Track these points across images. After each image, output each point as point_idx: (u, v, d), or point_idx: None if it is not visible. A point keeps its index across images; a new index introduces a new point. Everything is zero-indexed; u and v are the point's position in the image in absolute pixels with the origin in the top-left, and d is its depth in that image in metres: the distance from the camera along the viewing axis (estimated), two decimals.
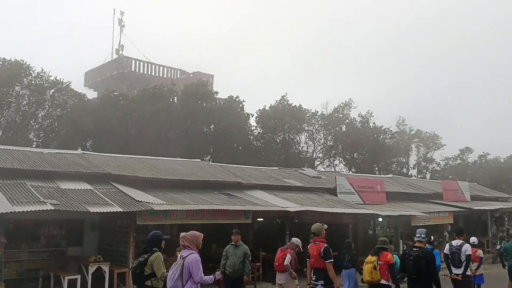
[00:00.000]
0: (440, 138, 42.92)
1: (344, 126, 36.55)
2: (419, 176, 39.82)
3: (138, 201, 12.42)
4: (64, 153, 15.93)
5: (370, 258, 8.45)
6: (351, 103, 38.00)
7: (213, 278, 6.50)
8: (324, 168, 35.41)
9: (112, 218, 13.24)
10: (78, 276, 11.91)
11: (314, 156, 36.44)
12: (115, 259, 13.22)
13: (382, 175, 29.66)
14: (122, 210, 11.73)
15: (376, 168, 37.24)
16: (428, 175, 41.49)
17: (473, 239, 11.50)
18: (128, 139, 25.87)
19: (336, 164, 38.16)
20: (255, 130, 32.00)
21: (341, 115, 37.25)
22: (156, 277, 6.60)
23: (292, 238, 9.42)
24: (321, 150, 36.83)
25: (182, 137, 26.80)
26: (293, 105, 33.59)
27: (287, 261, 8.73)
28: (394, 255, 8.91)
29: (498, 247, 21.58)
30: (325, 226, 8.60)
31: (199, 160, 20.94)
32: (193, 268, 6.17)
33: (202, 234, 6.65)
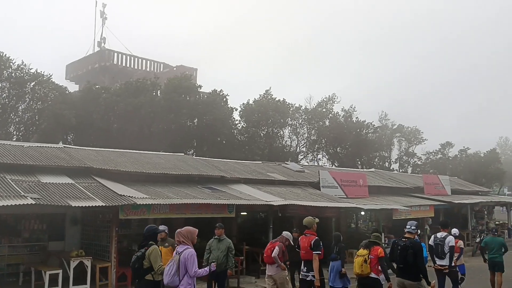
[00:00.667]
0: (422, 133, 43.49)
1: (328, 120, 36.76)
2: (401, 170, 40.29)
3: (121, 195, 12.32)
4: (45, 146, 15.71)
5: (361, 251, 8.54)
6: (334, 98, 38.22)
7: (207, 270, 6.66)
8: (307, 162, 35.62)
9: (94, 213, 13.14)
10: (60, 271, 11.78)
11: (298, 150, 36.60)
12: (98, 254, 13.14)
13: (365, 169, 29.95)
14: (104, 204, 11.62)
15: (359, 162, 37.58)
16: (409, 169, 42.01)
17: (454, 231, 11.78)
18: (110, 133, 25.60)
19: (319, 158, 38.44)
20: (239, 124, 31.98)
21: (324, 110, 37.45)
22: (156, 270, 6.67)
23: (283, 232, 9.54)
24: (304, 144, 37.01)
25: (165, 131, 26.63)
26: (277, 99, 33.65)
27: (274, 253, 8.86)
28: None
29: (478, 240, 22.02)
30: (317, 220, 8.82)
31: (183, 154, 20.85)
32: (189, 262, 6.27)
33: (197, 230, 6.73)
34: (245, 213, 16.39)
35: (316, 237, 8.48)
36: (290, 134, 36.05)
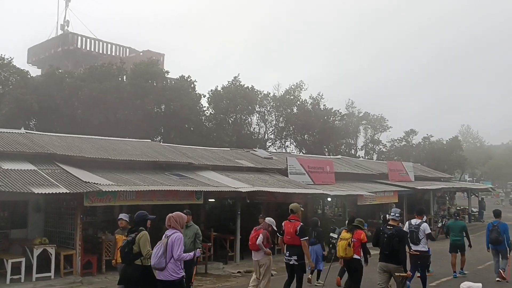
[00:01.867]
0: (387, 120, 44.38)
1: (295, 108, 37.00)
2: (366, 157, 41.08)
3: (85, 182, 12.07)
4: (6, 132, 15.18)
5: (344, 235, 8.93)
6: (302, 85, 38.48)
7: (192, 255, 6.81)
8: (275, 149, 35.83)
9: (58, 200, 12.85)
10: (23, 259, 11.52)
11: (266, 137, 36.74)
12: (62, 241, 12.88)
13: (332, 156, 30.37)
14: (68, 191, 11.38)
15: (326, 150, 38.06)
16: (375, 156, 42.88)
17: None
18: (74, 119, 24.96)
19: (287, 146, 38.71)
20: (207, 111, 31.76)
21: (292, 97, 37.66)
22: (144, 255, 6.86)
23: (266, 218, 9.68)
24: (272, 132, 37.18)
25: (132, 117, 26.16)
26: (245, 86, 33.55)
27: (259, 240, 9.03)
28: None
29: (440, 225, 22.78)
30: (302, 209, 9.18)
31: (150, 140, 20.57)
32: (174, 245, 6.45)
33: (186, 216, 6.88)
34: (213, 200, 16.37)
35: (301, 223, 8.75)
36: (258, 121, 36.15)
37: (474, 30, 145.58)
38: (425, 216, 12.67)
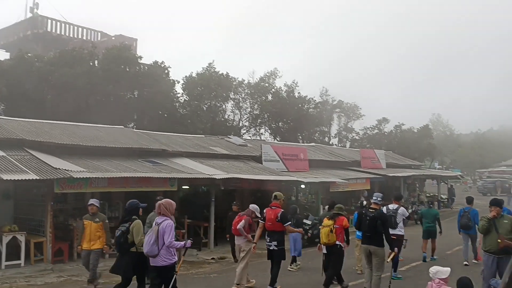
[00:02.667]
0: (360, 108, 44.94)
1: (270, 95, 37.04)
2: (339, 145, 41.61)
3: (56, 168, 11.84)
4: None
5: (326, 222, 9.15)
6: (276, 73, 38.51)
7: (183, 244, 6.86)
8: (250, 136, 35.86)
9: (28, 186, 12.55)
10: None
11: (240, 125, 36.72)
12: (32, 229, 12.65)
13: (305, 144, 30.60)
14: (38, 178, 11.14)
15: (300, 137, 38.32)
16: (348, 144, 43.44)
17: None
18: (44, 104, 24.36)
19: (261, 133, 38.80)
20: (181, 98, 31.50)
21: (267, 85, 37.66)
22: (136, 244, 7.06)
23: (250, 205, 9.96)
24: (247, 119, 37.19)
25: (104, 103, 25.69)
26: (220, 73, 33.37)
27: (240, 225, 9.34)
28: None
29: (410, 211, 23.29)
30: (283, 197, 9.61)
31: (122, 127, 20.28)
32: (165, 232, 6.54)
33: (175, 202, 7.06)
34: (187, 187, 16.31)
35: (282, 210, 9.08)
36: (233, 108, 36.08)
37: (446, 19, 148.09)
38: (402, 201, 13.09)
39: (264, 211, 9.31)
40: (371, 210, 8.80)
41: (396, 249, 8.78)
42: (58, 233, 12.79)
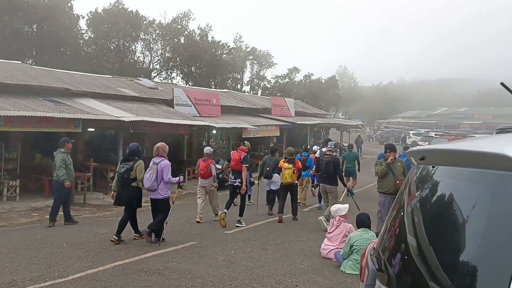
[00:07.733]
0: (273, 57, 45.25)
1: (183, 38, 35.85)
2: (252, 92, 41.90)
3: None
4: None
5: (287, 165, 10.56)
6: (190, 14, 37.19)
7: (177, 179, 8.21)
8: (161, 80, 34.74)
9: None
10: None
11: (151, 67, 35.41)
12: None
13: (218, 90, 30.38)
14: None
15: (213, 83, 37.93)
16: (259, 92, 43.90)
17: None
18: None
19: (173, 77, 37.81)
20: (86, 34, 29.43)
21: (180, 26, 36.32)
22: (138, 179, 8.12)
23: (205, 148, 10.74)
24: (158, 62, 35.90)
25: None
26: (129, 10, 31.46)
27: (214, 171, 10.39)
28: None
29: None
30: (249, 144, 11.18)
31: (19, 62, 18.56)
32: (164, 170, 7.92)
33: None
34: (92, 129, 15.51)
35: (246, 153, 10.28)
36: (143, 49, 34.52)
37: None
38: (317, 147, 14.93)
39: (231, 153, 10.74)
40: (326, 156, 10.38)
41: (349, 183, 11.41)
42: None
